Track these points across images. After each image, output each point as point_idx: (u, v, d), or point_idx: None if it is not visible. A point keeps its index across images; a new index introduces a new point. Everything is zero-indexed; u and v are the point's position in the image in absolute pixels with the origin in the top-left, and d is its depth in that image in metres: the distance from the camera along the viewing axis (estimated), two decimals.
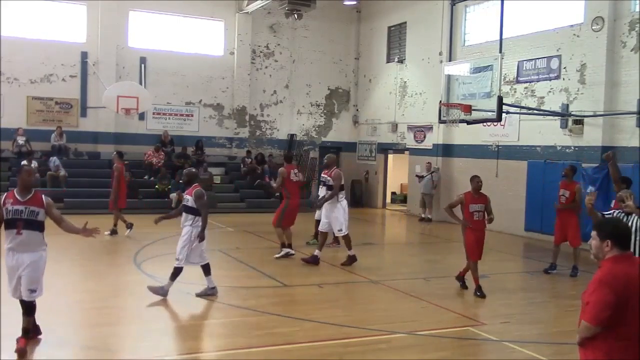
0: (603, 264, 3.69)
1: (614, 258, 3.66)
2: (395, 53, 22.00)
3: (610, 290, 3.53)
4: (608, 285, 3.55)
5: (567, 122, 14.88)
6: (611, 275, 3.60)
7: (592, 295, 3.56)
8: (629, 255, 3.71)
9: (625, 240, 3.72)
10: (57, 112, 19.92)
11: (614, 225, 3.79)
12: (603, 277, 3.59)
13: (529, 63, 16.15)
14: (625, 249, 3.70)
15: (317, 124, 23.93)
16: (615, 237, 3.67)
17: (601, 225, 3.83)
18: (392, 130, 21.77)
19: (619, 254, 3.66)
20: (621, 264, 3.64)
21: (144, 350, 6.39)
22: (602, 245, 3.69)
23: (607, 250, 3.67)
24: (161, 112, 21.27)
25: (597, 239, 3.73)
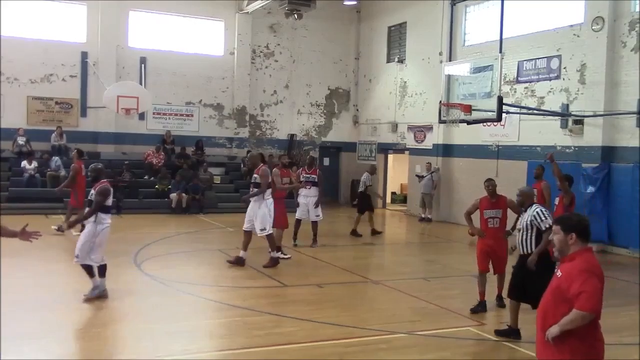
0: (577, 255, 3.74)
1: (586, 249, 3.76)
2: (395, 53, 22.00)
3: (598, 280, 3.66)
4: (595, 275, 3.66)
5: (567, 122, 14.88)
6: (594, 265, 3.70)
7: (585, 285, 3.58)
8: (590, 248, 3.83)
9: (587, 233, 3.82)
10: (57, 112, 19.92)
11: (577, 218, 3.89)
12: (589, 267, 3.67)
13: (529, 63, 16.15)
14: (587, 242, 3.80)
15: (317, 124, 23.93)
16: (579, 229, 3.77)
17: (564, 219, 3.93)
18: (392, 130, 21.77)
19: (586, 246, 3.77)
20: (593, 255, 3.78)
21: (144, 350, 6.39)
22: (567, 238, 3.76)
23: (571, 243, 3.76)
24: (161, 112, 21.27)
25: (560, 233, 3.80)
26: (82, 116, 20.22)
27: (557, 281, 3.76)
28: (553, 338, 3.68)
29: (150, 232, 14.49)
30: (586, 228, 3.83)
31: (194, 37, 21.75)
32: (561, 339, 3.66)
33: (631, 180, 13.43)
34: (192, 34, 21.76)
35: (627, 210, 13.48)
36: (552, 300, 3.77)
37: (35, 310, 7.63)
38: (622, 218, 13.65)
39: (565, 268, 3.76)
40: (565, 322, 3.63)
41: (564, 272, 3.74)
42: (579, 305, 3.58)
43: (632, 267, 12.28)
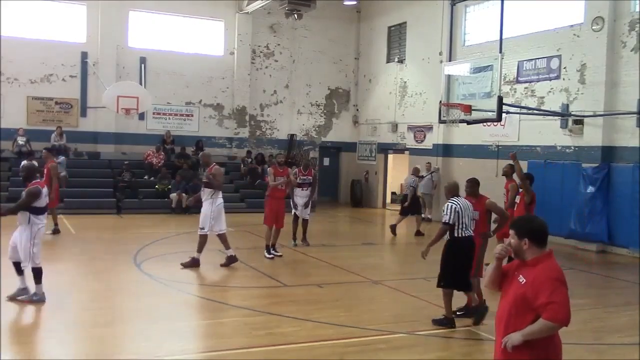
0: (540, 261, 3.64)
1: (547, 254, 3.68)
2: (395, 53, 22.00)
3: (566, 288, 3.58)
4: (564, 284, 3.58)
5: (567, 122, 14.88)
6: (560, 272, 3.62)
7: (554, 296, 3.49)
8: (551, 252, 3.72)
9: (543, 237, 3.70)
10: (57, 112, 19.92)
11: (532, 224, 3.77)
12: (557, 275, 3.58)
13: (529, 63, 16.15)
14: (544, 246, 3.70)
15: (317, 124, 23.93)
16: (532, 234, 3.67)
17: (519, 223, 3.83)
18: (392, 130, 21.77)
19: (546, 251, 3.68)
20: (555, 260, 3.68)
21: (144, 350, 6.39)
22: (521, 243, 3.69)
23: (526, 248, 3.67)
24: (161, 112, 21.26)
25: (515, 237, 3.72)
26: (82, 116, 20.21)
27: (522, 288, 3.60)
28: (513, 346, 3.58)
29: (150, 232, 14.49)
30: (541, 233, 3.70)
31: (194, 37, 21.75)
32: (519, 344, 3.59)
33: (631, 180, 13.43)
34: (192, 34, 21.76)
35: (627, 210, 13.48)
36: (515, 307, 3.62)
37: (36, 310, 7.62)
38: (622, 218, 13.66)
39: (529, 275, 3.61)
40: (532, 331, 3.53)
41: (528, 279, 3.59)
42: (548, 316, 3.48)
43: (632, 267, 12.29)
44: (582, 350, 6.89)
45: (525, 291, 3.56)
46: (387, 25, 22.33)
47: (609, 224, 13.87)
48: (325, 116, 24.02)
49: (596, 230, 13.91)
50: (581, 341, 7.17)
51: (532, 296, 3.53)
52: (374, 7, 23.01)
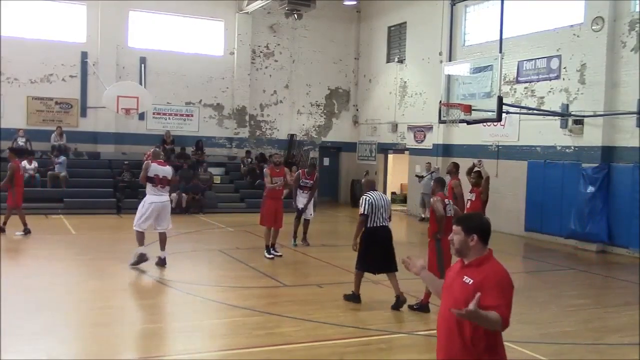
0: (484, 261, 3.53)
1: (489, 254, 3.58)
2: (395, 53, 22.00)
3: (512, 290, 3.49)
4: (511, 286, 3.49)
5: (567, 122, 14.88)
6: (505, 272, 3.53)
7: (502, 299, 3.36)
8: (492, 251, 3.63)
9: (488, 235, 3.62)
10: (57, 112, 19.92)
11: (479, 218, 3.68)
12: (504, 276, 3.49)
13: (529, 63, 16.15)
14: (486, 244, 3.60)
15: (317, 124, 23.93)
16: (480, 231, 3.57)
17: (466, 218, 3.73)
18: (392, 130, 21.77)
19: (488, 250, 3.59)
20: (498, 262, 3.59)
21: (144, 350, 6.39)
22: (468, 239, 3.56)
23: (473, 244, 3.55)
24: (161, 112, 21.27)
25: (461, 234, 3.57)
26: (82, 116, 20.21)
27: (467, 290, 3.43)
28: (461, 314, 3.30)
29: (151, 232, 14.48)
30: (488, 230, 3.60)
31: (194, 37, 21.75)
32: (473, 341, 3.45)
33: (631, 180, 13.43)
34: (192, 34, 21.76)
35: (627, 210, 13.48)
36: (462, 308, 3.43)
37: (36, 310, 7.63)
38: (622, 218, 13.65)
39: (475, 275, 3.48)
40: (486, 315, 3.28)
41: (475, 280, 3.45)
42: (501, 313, 3.32)
43: (632, 267, 12.28)
44: (582, 350, 6.89)
45: (474, 292, 3.35)
46: (387, 25, 22.33)
47: (609, 224, 13.87)
48: (325, 116, 24.03)
49: (596, 230, 13.91)
50: (581, 341, 7.18)
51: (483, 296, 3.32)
52: (374, 7, 23.01)
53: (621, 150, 13.86)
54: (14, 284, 8.79)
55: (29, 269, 10.12)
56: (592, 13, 14.28)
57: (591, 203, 13.93)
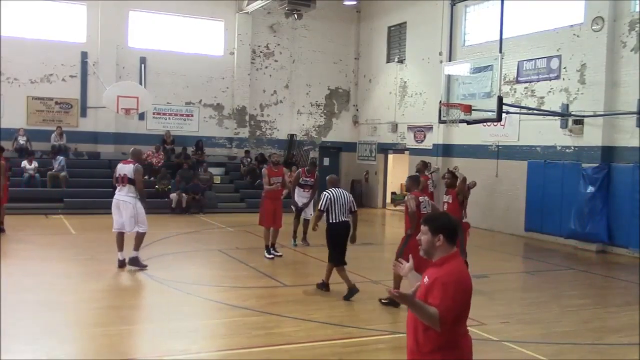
0: (446, 262, 3.48)
1: (454, 255, 3.53)
2: (395, 53, 22.00)
3: (464, 295, 3.42)
4: (463, 289, 3.42)
5: (567, 122, 14.88)
6: (461, 274, 3.46)
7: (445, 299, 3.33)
8: (458, 252, 3.58)
9: (455, 235, 3.58)
10: (57, 112, 19.92)
11: (446, 219, 3.64)
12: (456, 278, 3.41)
13: (529, 63, 16.15)
14: (454, 244, 3.56)
15: (317, 124, 23.93)
16: (447, 231, 3.52)
17: (433, 218, 3.67)
18: (392, 130, 21.77)
19: (453, 252, 3.53)
20: (461, 263, 3.54)
21: (144, 350, 6.39)
22: (434, 239, 3.52)
23: (439, 245, 3.51)
24: (161, 112, 21.27)
25: (428, 234, 3.55)
26: (82, 116, 20.22)
27: (424, 288, 3.47)
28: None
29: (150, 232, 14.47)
30: (454, 230, 3.57)
31: (194, 37, 21.75)
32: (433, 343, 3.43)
33: (631, 180, 13.43)
34: (192, 34, 21.76)
35: (627, 210, 13.48)
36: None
37: (36, 310, 7.63)
38: (622, 218, 13.65)
39: (432, 274, 3.48)
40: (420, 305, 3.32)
41: (430, 278, 3.47)
42: (441, 311, 3.32)
43: (632, 267, 12.28)
44: (582, 350, 6.89)
45: (426, 291, 3.42)
46: (387, 25, 22.33)
47: (609, 224, 13.87)
48: (325, 116, 24.02)
49: (596, 230, 13.91)
50: (581, 341, 7.18)
51: (428, 294, 3.39)
52: (374, 7, 23.01)
53: (621, 150, 13.86)
54: (14, 284, 8.79)
55: (29, 269, 10.12)
56: (592, 13, 14.28)
57: (591, 203, 13.93)
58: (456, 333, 3.46)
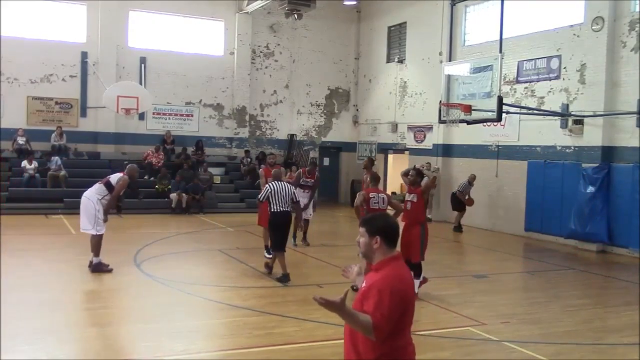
0: (383, 266, 3.33)
1: (393, 258, 3.36)
2: (395, 53, 22.00)
3: (401, 301, 3.21)
4: (400, 297, 3.21)
5: (567, 122, 14.88)
6: (398, 280, 3.27)
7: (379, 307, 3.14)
8: (399, 255, 3.42)
9: (394, 237, 3.41)
10: (57, 112, 19.92)
11: (383, 221, 3.47)
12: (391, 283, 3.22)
13: (529, 63, 16.15)
14: (393, 247, 3.40)
15: (317, 124, 23.93)
16: (384, 232, 3.37)
17: (370, 220, 3.49)
18: (392, 130, 21.77)
19: (392, 255, 3.37)
20: (401, 267, 3.37)
21: (144, 350, 6.39)
22: (372, 242, 3.37)
23: (377, 247, 3.35)
24: (161, 112, 21.27)
25: (365, 236, 3.39)
26: (82, 116, 20.21)
27: (361, 293, 3.33)
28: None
29: (150, 232, 14.50)
30: (392, 232, 3.40)
31: (194, 37, 21.75)
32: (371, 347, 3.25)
33: (631, 180, 13.43)
34: (192, 34, 21.76)
35: (627, 210, 13.48)
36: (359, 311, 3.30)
37: (36, 310, 7.63)
38: (622, 218, 13.66)
39: (369, 279, 3.34)
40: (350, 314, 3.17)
41: (367, 283, 3.32)
42: (375, 321, 3.14)
43: (632, 267, 12.29)
44: (582, 350, 6.89)
45: (362, 297, 3.27)
46: (387, 25, 22.32)
47: (609, 224, 13.87)
48: (325, 116, 24.03)
49: (596, 230, 13.91)
50: (581, 341, 7.18)
51: (364, 301, 3.24)
52: (374, 7, 23.01)
53: (621, 150, 13.86)
54: (14, 284, 8.80)
55: (29, 269, 10.12)
56: (592, 13, 14.27)
57: (591, 203, 13.93)
58: (397, 344, 3.27)
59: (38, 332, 6.77)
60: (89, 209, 9.93)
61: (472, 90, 13.76)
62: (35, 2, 19.44)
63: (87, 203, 9.97)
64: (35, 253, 11.56)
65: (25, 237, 13.22)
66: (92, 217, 9.88)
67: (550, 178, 15.34)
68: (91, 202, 9.94)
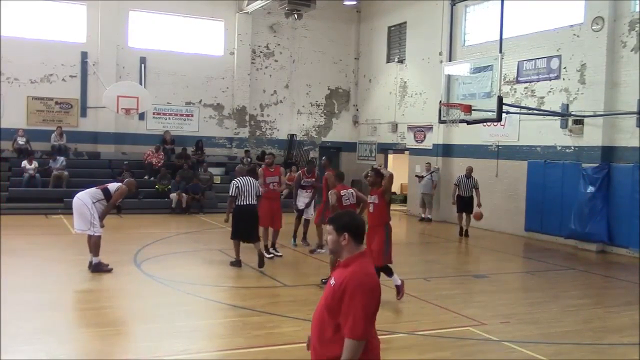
0: (351, 262, 3.38)
1: (361, 254, 3.42)
2: (395, 53, 22.00)
3: (369, 296, 3.28)
4: (367, 291, 3.27)
5: (567, 122, 14.88)
6: (367, 276, 3.33)
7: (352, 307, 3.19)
8: (366, 252, 3.51)
9: (361, 233, 3.47)
10: (57, 112, 19.92)
11: (350, 217, 3.51)
12: (361, 281, 3.28)
13: (529, 63, 16.15)
14: (360, 243, 3.46)
15: (317, 124, 23.93)
16: (351, 229, 3.41)
17: (337, 217, 3.53)
18: (392, 130, 21.77)
19: (359, 251, 3.43)
20: (368, 263, 3.43)
21: (144, 350, 6.39)
22: (339, 238, 3.42)
23: (344, 244, 3.41)
24: (161, 112, 21.27)
25: (333, 233, 3.44)
26: (82, 116, 20.22)
27: (331, 290, 3.34)
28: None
29: (150, 232, 14.50)
30: (359, 228, 3.45)
31: (194, 37, 21.75)
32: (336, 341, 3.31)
33: (631, 180, 13.43)
34: (192, 34, 21.76)
35: (627, 210, 13.48)
36: (326, 310, 3.38)
37: (36, 310, 7.63)
38: (622, 218, 13.65)
39: (338, 276, 3.36)
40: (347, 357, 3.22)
41: (337, 280, 3.35)
42: (347, 333, 3.20)
43: (632, 267, 12.29)
44: (582, 350, 6.89)
45: (334, 293, 3.30)
46: (387, 25, 22.33)
47: (609, 224, 13.87)
48: (325, 116, 24.03)
49: (596, 230, 13.91)
50: (581, 341, 7.18)
51: (338, 299, 3.28)
52: (374, 7, 23.01)
53: (621, 150, 13.86)
54: (15, 284, 8.80)
55: (29, 269, 10.12)
56: (592, 13, 14.27)
57: (591, 203, 13.93)
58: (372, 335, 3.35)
59: (38, 332, 6.77)
60: (84, 213, 9.85)
61: (472, 90, 13.76)
62: (35, 2, 19.44)
63: (80, 206, 9.86)
64: (35, 253, 11.56)
65: (25, 237, 13.22)
66: (87, 222, 9.85)
67: (550, 178, 15.34)
68: (86, 206, 9.85)
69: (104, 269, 9.92)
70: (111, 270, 9.93)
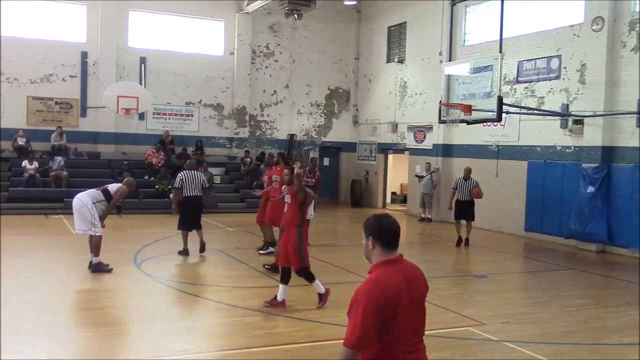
0: (372, 271, 3.12)
1: (385, 263, 3.11)
2: (395, 53, 22.00)
3: (376, 308, 2.95)
4: (375, 302, 2.96)
5: (567, 122, 14.88)
6: (380, 287, 3.00)
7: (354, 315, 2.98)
8: (397, 259, 3.15)
9: (390, 238, 3.14)
10: (57, 112, 19.92)
11: (377, 220, 3.18)
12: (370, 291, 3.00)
13: (529, 63, 16.15)
14: (391, 249, 3.13)
15: (317, 124, 23.93)
16: (377, 232, 3.12)
17: (366, 220, 3.23)
18: (392, 130, 21.77)
19: (386, 258, 3.12)
20: (391, 272, 3.08)
21: (144, 350, 6.39)
22: (367, 243, 3.15)
23: (371, 248, 3.13)
24: (161, 112, 21.27)
25: (364, 238, 3.19)
26: (82, 116, 20.21)
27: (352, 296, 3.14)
28: None
29: (150, 232, 14.50)
30: (387, 232, 3.13)
31: (194, 37, 21.75)
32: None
33: (631, 180, 13.43)
34: (192, 34, 21.76)
35: (627, 210, 13.48)
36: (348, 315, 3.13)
37: (36, 310, 7.63)
38: (622, 218, 13.65)
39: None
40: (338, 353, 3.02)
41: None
42: (345, 338, 2.99)
43: (632, 267, 12.29)
44: (582, 350, 6.89)
45: (351, 301, 3.08)
46: (387, 25, 22.32)
47: (609, 224, 13.87)
48: (325, 116, 24.03)
49: (596, 230, 13.91)
50: (581, 341, 7.18)
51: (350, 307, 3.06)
52: (374, 7, 23.01)
53: (621, 150, 13.86)
54: (15, 284, 8.80)
55: (29, 269, 10.13)
56: (592, 13, 14.27)
57: (591, 203, 13.93)
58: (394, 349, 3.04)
59: (38, 332, 6.77)
60: (84, 213, 9.83)
61: (472, 90, 13.76)
62: (35, 2, 19.44)
63: (80, 206, 9.83)
64: (35, 253, 11.56)
65: (25, 237, 13.22)
66: (88, 222, 9.83)
67: (550, 178, 15.34)
68: (86, 206, 9.83)
69: (104, 269, 9.92)
70: (111, 270, 9.93)
